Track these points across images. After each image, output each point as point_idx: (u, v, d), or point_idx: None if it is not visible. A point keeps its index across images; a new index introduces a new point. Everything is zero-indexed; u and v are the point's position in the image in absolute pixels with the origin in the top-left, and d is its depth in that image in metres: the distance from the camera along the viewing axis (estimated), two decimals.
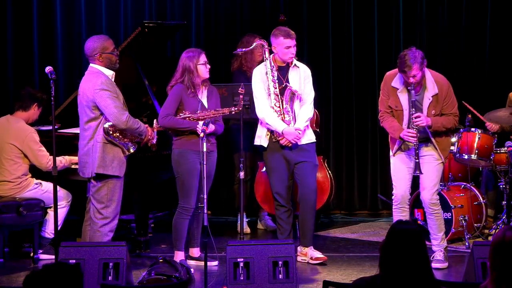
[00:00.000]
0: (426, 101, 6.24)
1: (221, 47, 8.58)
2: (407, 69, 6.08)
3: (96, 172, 5.92)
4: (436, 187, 6.38)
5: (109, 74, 5.98)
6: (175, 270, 5.51)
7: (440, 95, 6.24)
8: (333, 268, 6.48)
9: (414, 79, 6.12)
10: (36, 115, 6.92)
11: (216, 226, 7.56)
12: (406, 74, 6.11)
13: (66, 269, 3.05)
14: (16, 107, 6.89)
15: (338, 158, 8.85)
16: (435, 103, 6.25)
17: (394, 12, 8.74)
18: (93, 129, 5.93)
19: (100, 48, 5.96)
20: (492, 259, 3.28)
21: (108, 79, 5.93)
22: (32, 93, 6.90)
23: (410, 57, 6.09)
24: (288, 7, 8.75)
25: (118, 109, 5.85)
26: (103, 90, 5.85)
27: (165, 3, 8.75)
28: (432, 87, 6.24)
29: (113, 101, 5.84)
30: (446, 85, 6.29)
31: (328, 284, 4.19)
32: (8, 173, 6.70)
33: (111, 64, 5.99)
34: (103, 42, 6.00)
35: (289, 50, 6.50)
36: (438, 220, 6.43)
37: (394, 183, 6.44)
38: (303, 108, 6.60)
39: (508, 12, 8.60)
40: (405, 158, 6.37)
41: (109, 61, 5.98)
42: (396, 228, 3.44)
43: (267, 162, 6.69)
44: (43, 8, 8.45)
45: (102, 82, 5.87)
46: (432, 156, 6.33)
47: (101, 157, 5.91)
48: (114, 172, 5.95)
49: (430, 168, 6.33)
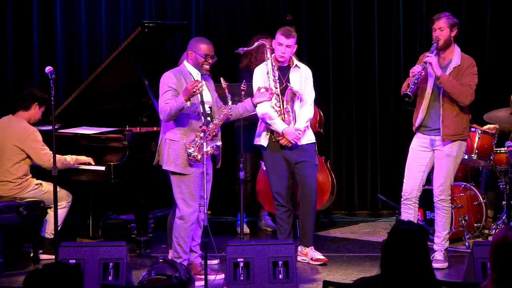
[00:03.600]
0: (448, 71, 6.27)
1: (221, 47, 8.57)
2: (436, 19, 6.26)
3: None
4: (446, 184, 6.36)
5: (193, 72, 6.05)
6: (175, 270, 5.51)
7: (461, 67, 6.27)
8: (333, 268, 6.48)
9: (440, 33, 6.21)
10: (38, 115, 6.90)
11: (216, 226, 7.55)
12: (433, 25, 6.25)
13: (66, 269, 3.05)
14: (17, 107, 6.88)
15: (338, 158, 8.85)
16: (455, 74, 6.25)
17: (394, 12, 8.74)
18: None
19: (192, 46, 6.06)
20: (493, 259, 3.28)
21: (176, 72, 6.01)
22: (33, 92, 6.89)
23: (443, 13, 6.35)
24: (288, 7, 8.75)
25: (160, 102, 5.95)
26: (161, 80, 6.00)
27: (165, 3, 8.75)
28: (457, 59, 6.29)
29: (161, 95, 5.96)
30: (469, 61, 6.33)
31: (328, 284, 4.18)
32: (9, 173, 6.70)
33: (198, 64, 6.05)
34: (197, 42, 6.12)
35: (280, 47, 6.50)
36: (444, 217, 6.42)
37: (405, 177, 6.45)
38: (304, 108, 6.60)
39: (508, 12, 8.60)
40: (422, 154, 6.37)
41: (195, 61, 6.05)
42: (398, 228, 3.44)
43: (267, 162, 6.69)
44: (43, 8, 8.45)
45: (165, 75, 6.01)
46: (444, 151, 6.32)
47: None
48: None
49: (440, 164, 6.33)
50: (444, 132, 6.26)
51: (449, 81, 6.18)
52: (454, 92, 6.19)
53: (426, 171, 6.41)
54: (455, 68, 6.27)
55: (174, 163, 5.92)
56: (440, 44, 6.25)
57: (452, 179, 6.44)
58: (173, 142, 5.93)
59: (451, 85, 6.19)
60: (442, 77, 6.17)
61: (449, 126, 6.26)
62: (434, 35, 6.26)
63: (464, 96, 6.21)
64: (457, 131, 6.30)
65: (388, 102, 8.66)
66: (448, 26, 6.23)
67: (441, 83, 6.18)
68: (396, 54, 8.76)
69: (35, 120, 6.91)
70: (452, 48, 6.31)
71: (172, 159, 5.92)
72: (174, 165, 5.92)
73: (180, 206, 5.97)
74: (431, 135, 6.35)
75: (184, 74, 6.00)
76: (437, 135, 6.32)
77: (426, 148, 6.38)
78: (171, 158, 5.93)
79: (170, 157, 5.93)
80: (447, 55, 6.31)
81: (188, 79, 5.97)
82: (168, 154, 5.93)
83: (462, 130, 6.35)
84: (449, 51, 6.30)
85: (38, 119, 6.92)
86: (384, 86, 8.74)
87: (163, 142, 6.00)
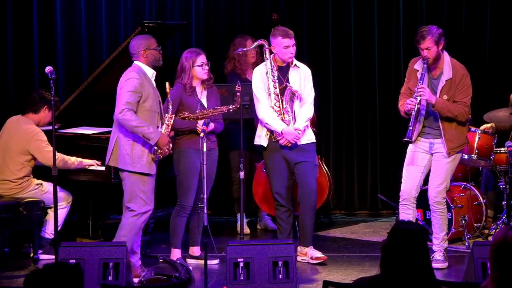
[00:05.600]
0: (440, 85, 6.26)
1: (221, 47, 8.56)
2: (421, 39, 6.17)
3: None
4: (442, 186, 6.37)
5: (149, 73, 5.99)
6: (175, 270, 5.53)
7: (454, 80, 6.25)
8: (333, 268, 6.48)
9: (428, 52, 6.16)
10: (47, 118, 6.84)
11: (216, 226, 7.55)
12: (420, 46, 6.18)
13: (66, 269, 3.05)
14: (27, 109, 6.85)
15: (338, 158, 8.85)
16: (447, 88, 6.24)
17: (394, 12, 8.74)
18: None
19: (145, 44, 5.97)
20: (493, 259, 3.27)
21: (139, 75, 5.91)
22: (43, 96, 6.84)
23: (426, 29, 6.20)
24: (288, 7, 8.75)
25: (123, 102, 5.84)
26: (125, 80, 5.88)
27: (165, 3, 8.75)
28: (448, 71, 6.26)
29: (124, 95, 5.85)
30: (461, 72, 6.29)
31: (328, 284, 4.18)
32: (10, 172, 6.70)
33: (155, 60, 6.00)
34: (148, 39, 6.03)
35: (288, 49, 6.51)
36: (441, 220, 6.42)
37: (403, 177, 6.45)
38: (303, 108, 6.60)
39: (508, 12, 8.60)
40: (420, 155, 6.37)
41: (153, 57, 5.99)
42: (397, 228, 3.44)
43: (267, 162, 6.69)
44: (43, 8, 8.44)
45: (129, 75, 5.89)
46: (442, 154, 6.33)
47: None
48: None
49: (437, 166, 6.34)
50: (449, 146, 6.29)
51: (444, 108, 6.19)
52: (450, 116, 6.24)
53: (424, 172, 6.42)
54: (448, 81, 6.25)
55: (139, 163, 5.88)
56: (430, 62, 6.23)
57: (448, 182, 6.46)
58: (136, 142, 5.90)
59: (447, 110, 6.21)
60: (437, 105, 6.18)
61: (452, 139, 6.29)
62: (422, 54, 6.20)
63: (461, 116, 6.26)
64: (460, 141, 6.38)
65: (388, 102, 8.65)
66: (434, 43, 6.16)
67: (437, 110, 6.21)
68: (396, 54, 8.76)
69: (45, 123, 6.87)
70: (442, 58, 6.29)
71: (137, 159, 5.89)
72: (140, 165, 5.89)
73: (137, 205, 5.91)
74: (430, 139, 6.36)
75: (145, 75, 5.96)
76: (437, 138, 6.32)
77: (425, 150, 6.38)
78: (135, 158, 5.88)
79: (134, 157, 5.88)
80: (439, 66, 6.29)
81: (149, 81, 5.96)
82: (131, 154, 5.88)
83: (464, 139, 6.45)
84: (439, 62, 6.28)
85: (48, 122, 6.88)
86: (384, 86, 8.74)
87: (119, 141, 5.93)
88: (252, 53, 7.62)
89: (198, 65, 6.42)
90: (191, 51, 6.52)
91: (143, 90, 5.86)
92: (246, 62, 7.69)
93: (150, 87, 5.93)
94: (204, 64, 6.43)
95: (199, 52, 6.49)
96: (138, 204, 5.90)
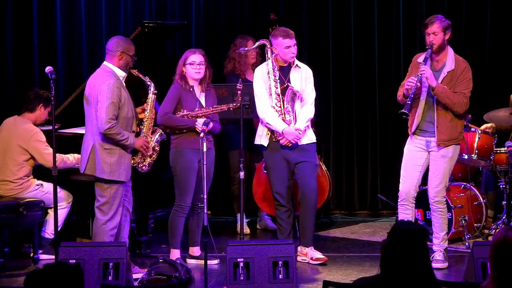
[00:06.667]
0: (441, 76, 6.26)
1: (221, 47, 8.57)
2: (429, 23, 6.21)
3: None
4: (441, 185, 6.36)
5: (121, 75, 5.96)
6: (175, 270, 5.52)
7: (455, 72, 6.25)
8: (333, 268, 6.48)
9: (434, 38, 6.18)
10: (44, 116, 6.86)
11: (216, 226, 7.56)
12: (427, 30, 6.20)
13: (66, 269, 3.05)
14: (23, 109, 6.86)
15: (338, 158, 8.85)
16: (448, 79, 6.24)
17: (394, 12, 8.74)
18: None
19: (125, 47, 5.95)
20: (493, 259, 3.28)
21: (117, 81, 5.89)
22: (38, 93, 6.85)
23: (436, 16, 6.29)
24: (288, 7, 8.76)
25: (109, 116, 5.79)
26: (106, 89, 5.81)
27: (165, 3, 8.75)
28: (451, 64, 6.28)
29: (109, 108, 5.79)
30: (463, 65, 6.30)
31: (328, 284, 4.18)
32: (10, 173, 6.69)
33: (126, 66, 5.97)
34: (129, 44, 6.01)
35: (289, 49, 6.51)
36: (441, 219, 6.42)
37: (401, 177, 6.44)
38: (304, 108, 6.60)
39: (508, 12, 8.60)
40: (418, 154, 6.37)
41: (126, 63, 5.96)
42: (397, 228, 3.44)
43: (268, 162, 6.69)
44: (43, 8, 8.45)
45: (110, 83, 5.82)
46: (439, 153, 6.32)
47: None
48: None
49: (435, 166, 6.34)
50: (439, 137, 6.27)
51: (443, 93, 6.17)
52: (448, 102, 6.20)
53: (422, 171, 6.41)
54: (449, 72, 6.26)
55: (118, 172, 5.88)
56: (435, 49, 6.24)
57: (447, 181, 6.45)
58: (112, 150, 5.88)
59: (446, 96, 6.18)
60: (436, 89, 6.16)
61: (444, 132, 6.27)
62: (428, 39, 6.23)
63: (459, 106, 6.22)
64: (452, 136, 6.32)
65: (388, 102, 8.65)
66: (441, 30, 6.20)
67: (436, 95, 6.19)
68: (396, 54, 8.77)
69: (41, 121, 6.88)
70: (446, 50, 6.30)
71: (116, 167, 5.87)
72: (118, 174, 5.88)
73: (112, 212, 5.91)
74: (427, 137, 6.36)
75: (119, 79, 5.94)
76: (433, 136, 6.32)
77: (422, 149, 6.38)
78: (114, 167, 5.87)
79: (112, 166, 5.86)
80: (441, 58, 6.30)
81: (123, 84, 5.95)
82: (110, 162, 5.87)
83: (457, 134, 6.37)
84: (443, 54, 6.29)
85: (44, 120, 6.89)
86: (384, 86, 8.74)
87: (95, 149, 5.88)
88: (252, 54, 7.63)
89: (189, 64, 6.41)
90: (188, 50, 6.55)
91: (121, 97, 5.85)
92: (246, 63, 7.69)
93: (125, 92, 5.91)
94: (195, 64, 6.41)
95: (194, 51, 6.48)
96: (108, 210, 5.92)
